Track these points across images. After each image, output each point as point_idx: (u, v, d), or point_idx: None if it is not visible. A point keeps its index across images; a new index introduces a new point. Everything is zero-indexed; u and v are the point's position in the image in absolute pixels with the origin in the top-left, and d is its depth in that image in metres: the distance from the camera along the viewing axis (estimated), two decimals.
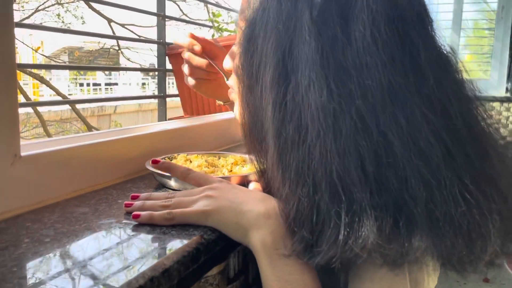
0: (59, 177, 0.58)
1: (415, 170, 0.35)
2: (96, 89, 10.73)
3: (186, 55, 0.73)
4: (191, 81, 0.76)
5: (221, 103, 0.81)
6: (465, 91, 0.41)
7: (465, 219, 0.36)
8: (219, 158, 0.76)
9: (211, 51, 0.72)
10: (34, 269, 0.39)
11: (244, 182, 0.64)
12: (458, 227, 0.36)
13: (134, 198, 0.54)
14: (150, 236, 0.47)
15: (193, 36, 0.72)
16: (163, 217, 0.49)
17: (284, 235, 0.45)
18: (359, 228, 0.35)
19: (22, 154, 0.53)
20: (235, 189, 0.52)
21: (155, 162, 0.60)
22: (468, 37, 3.14)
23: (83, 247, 0.44)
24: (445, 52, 0.41)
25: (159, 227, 0.49)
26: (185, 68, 0.75)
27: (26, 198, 0.53)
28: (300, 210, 0.38)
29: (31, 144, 0.58)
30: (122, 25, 4.88)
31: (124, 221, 0.51)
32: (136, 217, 0.49)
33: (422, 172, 0.35)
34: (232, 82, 0.56)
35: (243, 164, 0.72)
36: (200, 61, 0.72)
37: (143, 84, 10.79)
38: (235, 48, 0.54)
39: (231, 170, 0.68)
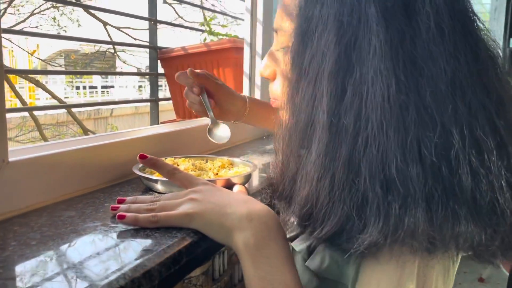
0: (47, 182, 0.59)
1: (467, 159, 0.37)
2: (93, 92, 10.73)
3: (184, 92, 0.78)
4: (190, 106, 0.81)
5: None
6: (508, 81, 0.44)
7: (509, 207, 0.37)
8: (207, 162, 0.77)
9: (209, 88, 0.78)
10: (20, 271, 0.40)
11: (230, 184, 0.65)
12: (501, 215, 0.37)
13: (121, 202, 0.56)
14: (133, 239, 0.48)
15: (193, 73, 0.75)
16: (148, 220, 0.50)
17: (266, 236, 0.46)
18: (410, 218, 0.36)
19: (10, 159, 0.54)
20: (219, 191, 0.54)
21: (142, 158, 0.58)
22: None
23: (68, 249, 0.45)
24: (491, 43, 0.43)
25: (142, 230, 0.50)
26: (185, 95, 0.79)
27: (14, 202, 0.55)
28: (345, 199, 0.39)
29: (19, 149, 0.59)
30: (118, 28, 4.89)
31: (109, 224, 0.52)
32: (122, 218, 0.51)
33: (472, 160, 0.37)
34: (273, 88, 0.56)
35: (230, 167, 0.74)
36: (195, 99, 0.78)
37: (140, 86, 10.79)
38: (278, 53, 0.54)
39: (217, 173, 0.70)
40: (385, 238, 0.37)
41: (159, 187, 0.64)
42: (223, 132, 0.76)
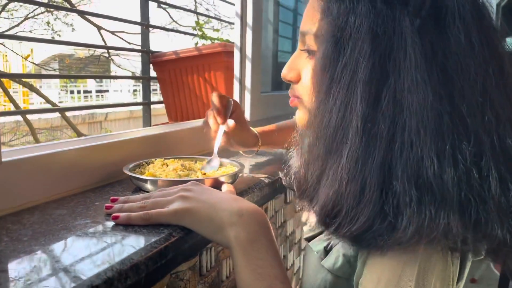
0: (39, 182, 0.61)
1: (496, 167, 0.40)
2: (87, 96, 10.71)
3: (209, 115, 0.80)
4: None
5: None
6: None
7: None
8: (196, 162, 0.80)
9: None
10: (12, 264, 0.42)
11: (217, 184, 0.67)
12: None
13: (114, 201, 0.58)
14: (122, 234, 0.50)
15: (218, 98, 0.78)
16: (140, 218, 0.53)
17: (257, 231, 0.49)
18: (444, 219, 0.39)
19: (3, 159, 0.56)
20: (208, 190, 0.56)
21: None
22: None
23: (58, 244, 0.47)
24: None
25: (131, 226, 0.52)
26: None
27: (7, 201, 0.57)
28: (376, 200, 0.41)
29: (13, 150, 0.61)
30: (112, 32, 4.90)
31: (100, 222, 0.54)
32: (116, 218, 0.53)
33: (500, 168, 0.40)
34: (299, 91, 0.57)
35: (218, 168, 0.76)
36: (213, 126, 0.80)
37: (135, 91, 10.79)
38: (303, 56, 0.54)
39: (205, 173, 0.72)
40: (420, 238, 0.39)
41: (149, 186, 0.66)
42: (215, 164, 0.77)
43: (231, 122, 0.79)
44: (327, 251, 0.54)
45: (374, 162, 0.41)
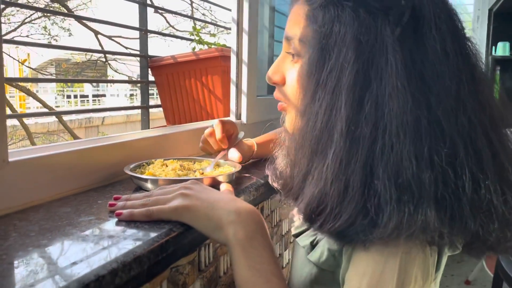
0: (44, 181, 0.64)
1: (469, 167, 0.43)
2: (84, 100, 10.72)
3: (208, 135, 0.84)
4: None
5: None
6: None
7: (504, 207, 0.44)
8: (194, 163, 0.82)
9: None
10: (21, 257, 0.44)
11: (215, 183, 0.70)
12: (495, 214, 0.44)
13: (116, 199, 0.60)
14: (125, 229, 0.53)
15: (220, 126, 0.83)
16: (142, 214, 0.55)
17: (254, 229, 0.52)
18: (422, 216, 0.42)
19: (10, 160, 0.58)
20: (207, 189, 0.58)
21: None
22: None
23: (64, 239, 0.50)
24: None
25: (133, 222, 0.55)
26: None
27: (14, 199, 0.59)
28: (358, 198, 0.44)
29: (18, 151, 0.64)
30: (109, 37, 4.93)
31: (103, 218, 0.57)
32: (119, 215, 0.56)
33: (472, 168, 0.43)
34: (284, 93, 0.59)
35: (216, 168, 0.79)
36: (213, 144, 0.85)
37: (131, 95, 10.81)
38: (288, 60, 0.57)
39: (202, 173, 0.75)
40: (399, 233, 0.42)
41: (149, 185, 0.69)
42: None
43: (235, 155, 0.83)
44: (313, 245, 0.56)
45: (357, 163, 0.44)
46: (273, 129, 0.98)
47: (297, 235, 0.60)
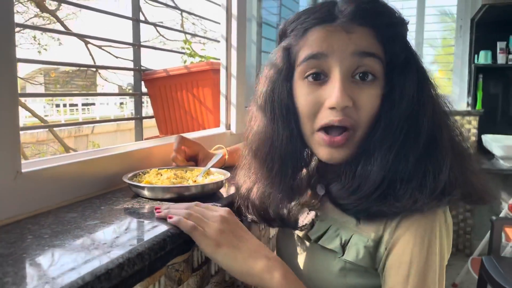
0: (52, 190, 0.71)
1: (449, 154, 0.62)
2: (73, 109, 10.69)
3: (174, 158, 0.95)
4: None
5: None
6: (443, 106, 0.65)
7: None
8: (186, 172, 0.90)
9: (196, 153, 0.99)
10: (39, 255, 0.51)
11: (205, 190, 0.78)
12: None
13: (157, 209, 0.66)
14: (128, 231, 0.60)
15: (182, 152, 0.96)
16: (188, 227, 0.60)
17: (286, 269, 0.61)
18: (418, 194, 0.58)
19: (23, 170, 0.65)
20: (241, 230, 0.64)
21: (157, 210, 0.66)
22: (438, 54, 3.43)
23: (74, 239, 0.57)
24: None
25: (134, 224, 0.62)
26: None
27: (26, 206, 0.66)
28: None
29: (30, 162, 0.70)
30: (99, 47, 4.98)
31: (107, 221, 0.64)
32: (170, 218, 0.62)
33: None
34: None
35: (206, 176, 0.86)
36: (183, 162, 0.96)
37: (121, 103, 10.81)
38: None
39: (195, 181, 0.82)
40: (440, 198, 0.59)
41: (146, 192, 0.76)
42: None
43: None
44: (342, 245, 0.63)
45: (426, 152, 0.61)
46: None
47: (318, 239, 0.67)
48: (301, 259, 0.72)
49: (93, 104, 11.15)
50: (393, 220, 0.60)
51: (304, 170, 0.68)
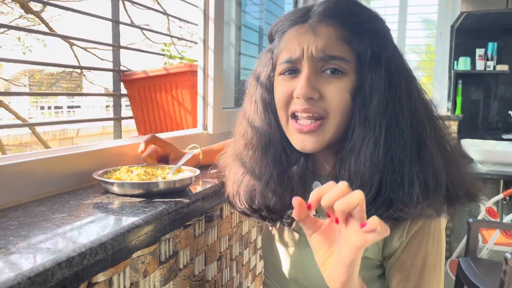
0: (22, 184, 0.73)
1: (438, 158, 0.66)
2: (58, 112, 10.57)
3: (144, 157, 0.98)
4: None
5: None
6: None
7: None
8: (157, 169, 0.92)
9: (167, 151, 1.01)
10: (2, 244, 0.53)
11: (174, 185, 0.80)
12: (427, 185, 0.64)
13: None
14: (93, 223, 0.62)
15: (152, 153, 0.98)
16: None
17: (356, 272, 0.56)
18: (425, 199, 0.62)
19: None
20: None
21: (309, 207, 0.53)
22: (422, 61, 3.51)
23: (40, 231, 0.59)
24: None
25: (100, 215, 0.64)
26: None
27: None
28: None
29: (1, 157, 0.72)
30: (84, 49, 4.96)
31: (74, 215, 0.66)
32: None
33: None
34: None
35: (176, 174, 0.89)
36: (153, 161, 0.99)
37: (107, 106, 10.74)
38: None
39: (164, 178, 0.84)
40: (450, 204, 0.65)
41: (115, 189, 0.78)
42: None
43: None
44: None
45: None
46: None
47: None
48: (297, 251, 0.75)
49: (79, 106, 11.06)
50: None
51: (294, 165, 0.72)
